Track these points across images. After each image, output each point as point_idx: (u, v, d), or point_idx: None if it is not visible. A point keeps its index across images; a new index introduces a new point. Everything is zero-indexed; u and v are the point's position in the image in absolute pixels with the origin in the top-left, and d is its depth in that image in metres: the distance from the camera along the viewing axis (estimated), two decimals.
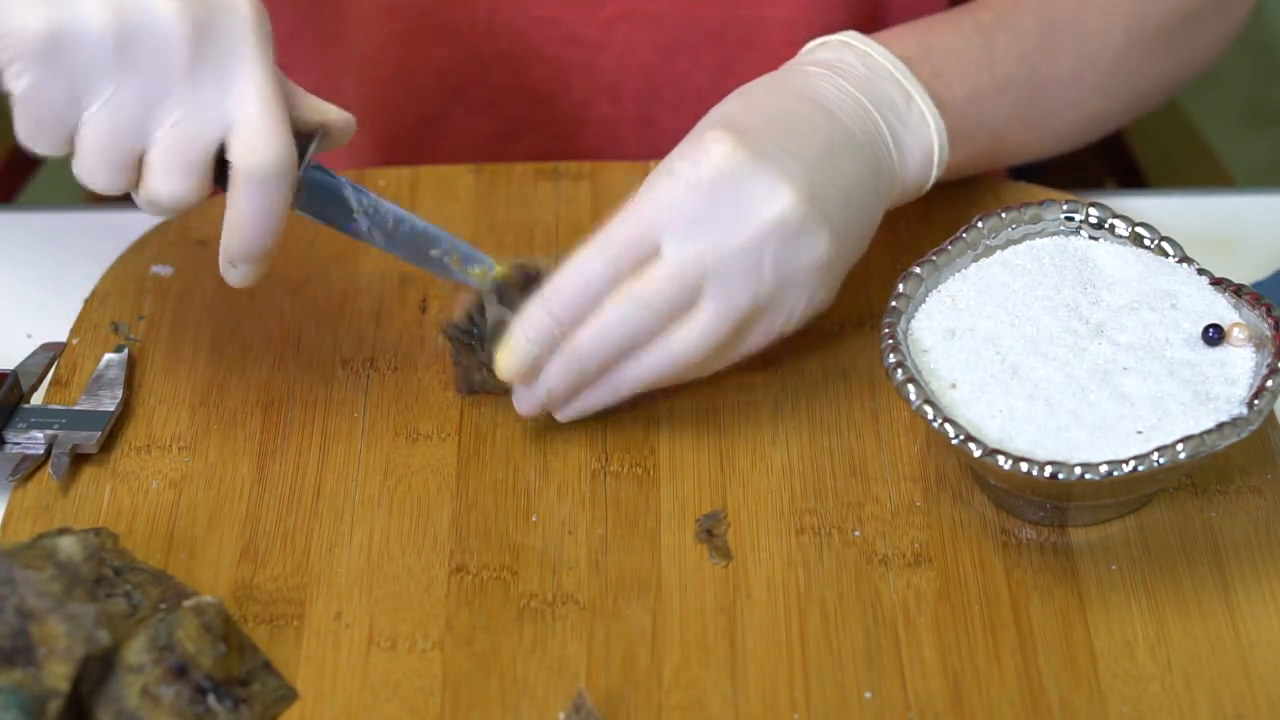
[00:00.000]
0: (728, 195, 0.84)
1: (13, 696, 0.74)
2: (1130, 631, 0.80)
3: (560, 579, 0.83)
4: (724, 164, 0.84)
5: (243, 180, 0.82)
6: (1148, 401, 0.81)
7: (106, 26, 0.80)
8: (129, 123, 0.82)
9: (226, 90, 0.82)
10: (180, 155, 0.82)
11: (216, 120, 0.82)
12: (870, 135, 0.90)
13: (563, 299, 0.85)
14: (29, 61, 0.80)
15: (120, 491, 0.87)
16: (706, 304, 0.85)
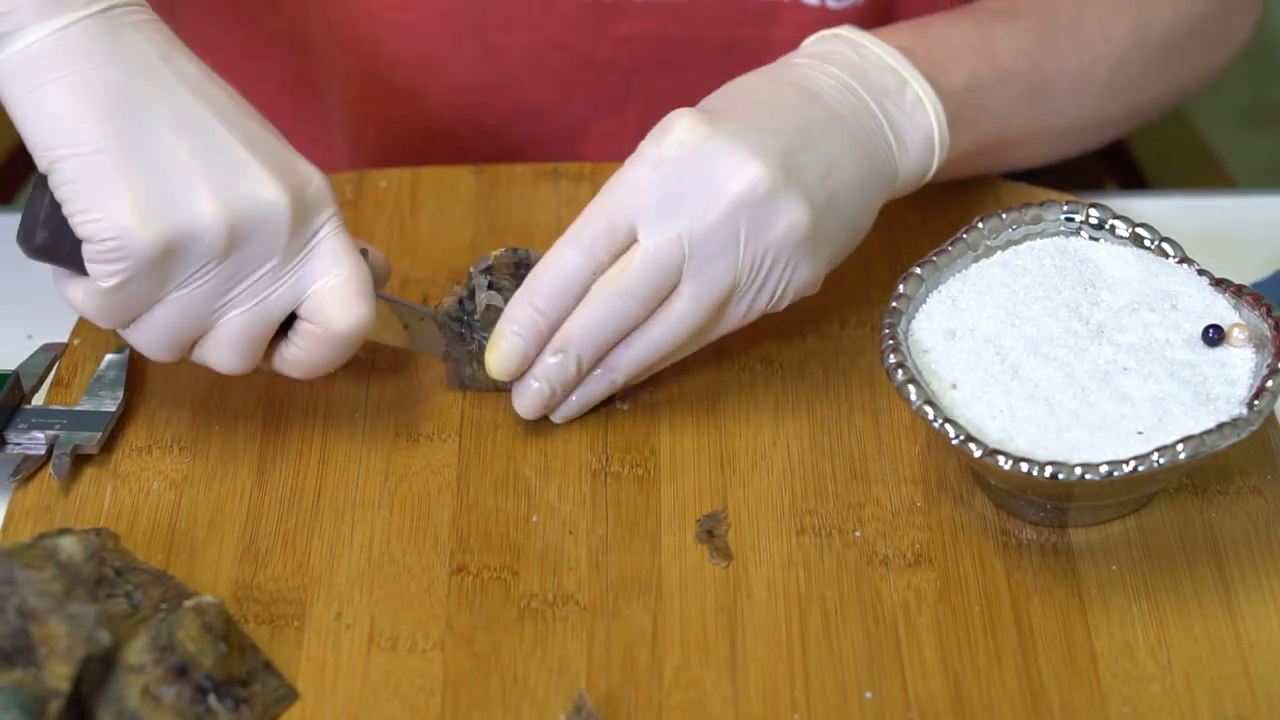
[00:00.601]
0: (694, 172, 0.84)
1: (13, 696, 0.74)
2: (1131, 632, 0.81)
3: (561, 579, 0.83)
4: (687, 140, 0.85)
5: (327, 337, 0.83)
6: (1148, 402, 0.81)
7: (220, 225, 0.79)
8: (209, 303, 0.81)
9: (313, 261, 0.82)
10: (253, 332, 0.82)
11: (295, 293, 0.82)
12: (860, 117, 0.89)
13: (544, 291, 0.86)
14: (134, 269, 0.79)
15: (121, 492, 0.87)
16: (687, 286, 0.85)
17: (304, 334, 0.84)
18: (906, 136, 0.91)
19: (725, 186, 0.84)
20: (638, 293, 0.85)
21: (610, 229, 0.85)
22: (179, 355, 0.83)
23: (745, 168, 0.84)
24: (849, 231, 0.89)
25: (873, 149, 0.90)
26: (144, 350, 0.83)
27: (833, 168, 0.87)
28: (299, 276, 0.82)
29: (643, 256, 0.85)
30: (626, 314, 0.86)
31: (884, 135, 0.90)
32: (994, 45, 0.97)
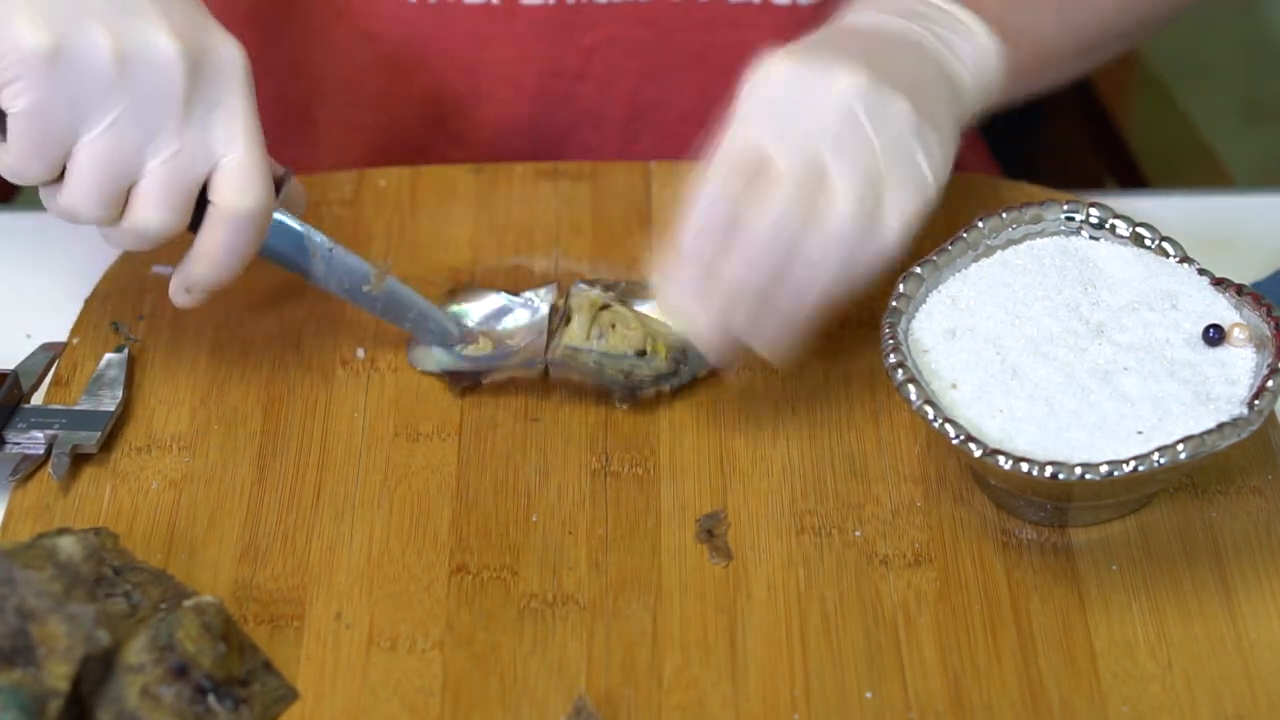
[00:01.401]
0: (799, 88, 0.85)
1: (13, 696, 0.74)
2: (1131, 632, 0.80)
3: (560, 579, 0.83)
4: (785, 69, 0.86)
5: (225, 218, 0.85)
6: (1148, 402, 0.81)
7: (109, 50, 0.82)
8: (126, 152, 0.84)
9: (217, 129, 0.85)
10: (172, 188, 0.85)
11: (206, 158, 0.85)
12: (913, 39, 0.91)
13: (695, 233, 0.85)
14: (31, 79, 0.81)
15: (120, 491, 0.87)
16: (836, 180, 0.84)
17: (208, 215, 0.86)
18: (960, 50, 0.92)
19: (831, 86, 0.85)
20: (794, 197, 0.84)
21: (741, 155, 0.85)
22: (112, 210, 0.85)
23: (839, 71, 0.85)
24: (945, 132, 0.89)
25: (936, 63, 0.91)
26: (74, 208, 0.84)
27: (910, 72, 0.88)
28: (204, 143, 0.84)
29: (780, 159, 0.84)
30: (787, 224, 0.84)
31: (940, 51, 0.91)
32: None
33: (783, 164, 0.84)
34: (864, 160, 0.85)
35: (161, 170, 0.84)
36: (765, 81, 0.86)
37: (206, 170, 0.85)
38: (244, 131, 0.85)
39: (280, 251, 0.90)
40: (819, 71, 0.86)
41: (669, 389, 0.91)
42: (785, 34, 1.01)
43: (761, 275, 0.84)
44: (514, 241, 1.00)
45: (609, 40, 1.09)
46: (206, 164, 0.85)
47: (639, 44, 1.09)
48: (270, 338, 0.95)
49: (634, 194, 1.03)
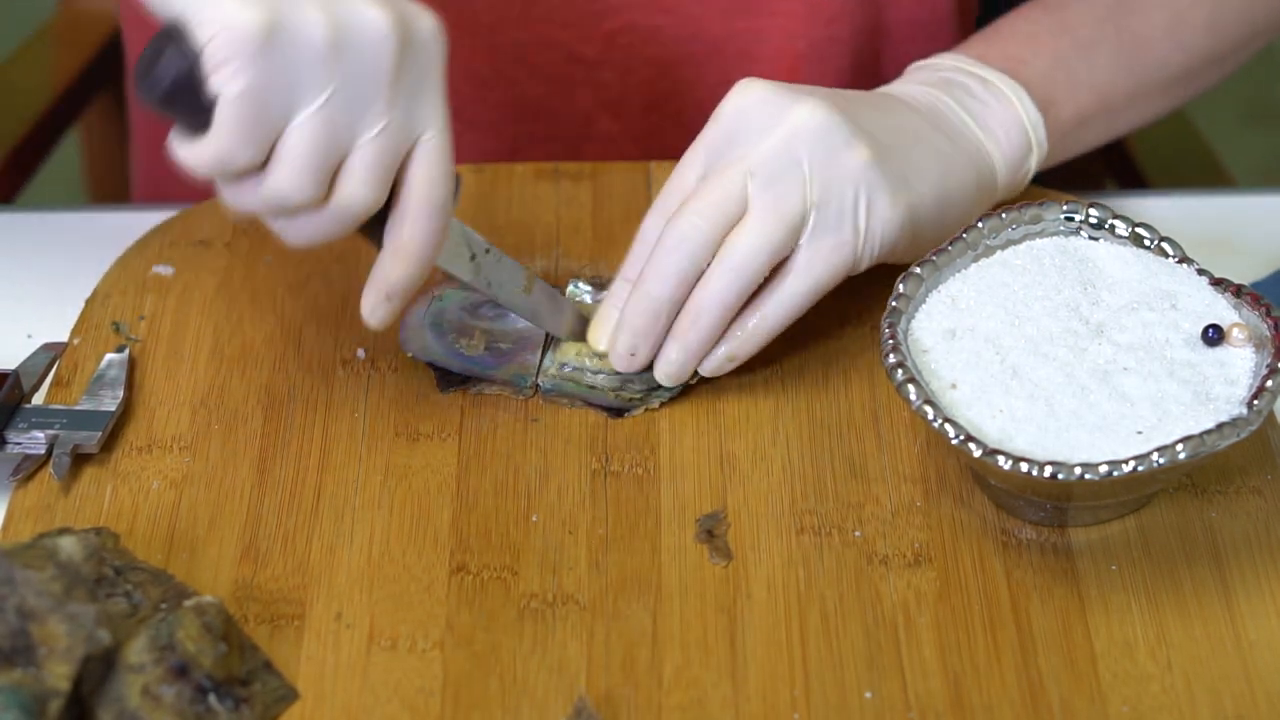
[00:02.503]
0: (753, 115, 0.87)
1: (13, 696, 0.74)
2: (1130, 632, 0.81)
3: (560, 579, 0.83)
4: (750, 94, 0.87)
5: (424, 202, 0.83)
6: (1148, 402, 0.82)
7: (322, 27, 0.79)
8: (338, 129, 0.81)
9: (420, 105, 0.83)
10: (381, 165, 0.82)
11: (409, 134, 0.82)
12: (935, 108, 0.92)
13: (631, 260, 0.90)
14: (245, 60, 0.78)
15: (121, 491, 0.87)
16: (754, 203, 0.86)
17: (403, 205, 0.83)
18: (991, 124, 0.93)
19: (782, 117, 0.86)
20: (699, 209, 0.86)
21: (680, 186, 0.88)
22: (320, 192, 0.81)
23: (799, 104, 0.86)
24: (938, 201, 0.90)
25: (953, 134, 0.92)
26: (288, 190, 0.80)
27: (901, 131, 0.89)
28: (409, 118, 0.82)
29: (706, 179, 0.87)
30: (691, 236, 0.86)
31: (964, 123, 0.92)
32: (1070, 22, 0.99)
33: (706, 185, 0.87)
34: (789, 201, 0.86)
35: (371, 146, 0.81)
36: (723, 108, 0.88)
37: (409, 146, 0.83)
38: (441, 108, 0.84)
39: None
40: (778, 101, 0.87)
41: (658, 405, 0.91)
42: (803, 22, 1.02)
43: (662, 287, 0.87)
44: (514, 241, 1.00)
45: (628, 27, 1.09)
46: (409, 140, 0.83)
47: (658, 30, 1.09)
48: (271, 338, 0.95)
49: (634, 194, 1.03)
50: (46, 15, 1.42)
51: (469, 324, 0.94)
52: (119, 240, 1.01)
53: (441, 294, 0.95)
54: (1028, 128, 0.94)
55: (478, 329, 0.94)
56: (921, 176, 0.90)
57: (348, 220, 0.82)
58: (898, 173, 0.88)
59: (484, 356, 0.92)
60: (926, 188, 0.90)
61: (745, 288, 0.87)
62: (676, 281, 0.87)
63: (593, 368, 0.92)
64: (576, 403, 0.91)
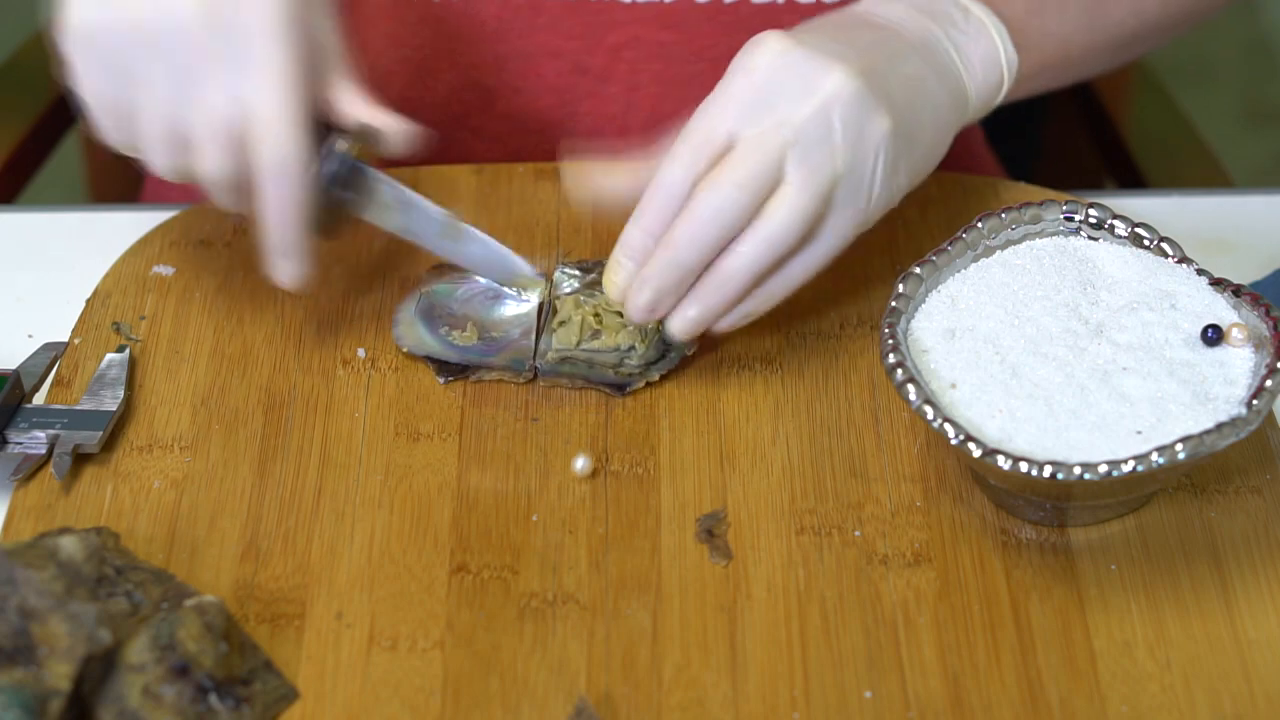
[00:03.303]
0: (786, 76, 0.86)
1: (14, 696, 0.74)
2: (1130, 631, 0.81)
3: (560, 579, 0.83)
4: (776, 47, 0.87)
5: (257, 173, 0.87)
6: (1147, 401, 0.82)
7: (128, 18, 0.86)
8: (164, 105, 0.87)
9: (244, 80, 0.86)
10: (213, 133, 0.86)
11: (235, 107, 0.86)
12: (928, 42, 0.92)
13: (650, 210, 0.87)
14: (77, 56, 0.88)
15: (122, 491, 0.87)
16: (791, 174, 0.86)
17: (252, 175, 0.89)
18: (972, 57, 0.93)
19: (817, 85, 0.86)
20: (741, 183, 0.85)
21: (709, 138, 0.87)
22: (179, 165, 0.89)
23: (832, 70, 0.86)
24: (927, 147, 0.91)
25: (943, 72, 0.92)
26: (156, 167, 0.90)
27: (910, 82, 0.89)
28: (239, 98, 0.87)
29: (744, 148, 0.86)
30: (731, 209, 0.85)
31: (950, 58, 0.93)
32: None
33: (744, 153, 0.86)
34: (824, 173, 0.86)
35: (199, 118, 0.86)
36: (754, 62, 0.87)
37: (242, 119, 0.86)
38: (269, 81, 0.86)
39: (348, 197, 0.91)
40: (811, 64, 0.87)
41: (658, 377, 0.91)
42: None
43: (693, 254, 0.86)
44: (514, 241, 1.00)
45: (632, 41, 1.09)
46: (240, 115, 0.86)
47: (662, 46, 1.09)
48: (271, 338, 0.95)
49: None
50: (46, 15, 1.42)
51: (460, 315, 0.94)
52: (119, 240, 1.01)
53: (429, 289, 0.95)
54: (1003, 66, 0.95)
55: (469, 320, 0.94)
56: (922, 133, 0.90)
57: (215, 188, 0.89)
58: (907, 136, 0.89)
59: (478, 345, 0.93)
60: (923, 145, 0.91)
61: (777, 258, 0.87)
62: (710, 249, 0.86)
63: (589, 347, 0.92)
64: (577, 382, 0.91)
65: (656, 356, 0.92)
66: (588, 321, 0.93)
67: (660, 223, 0.87)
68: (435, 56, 1.10)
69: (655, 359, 0.92)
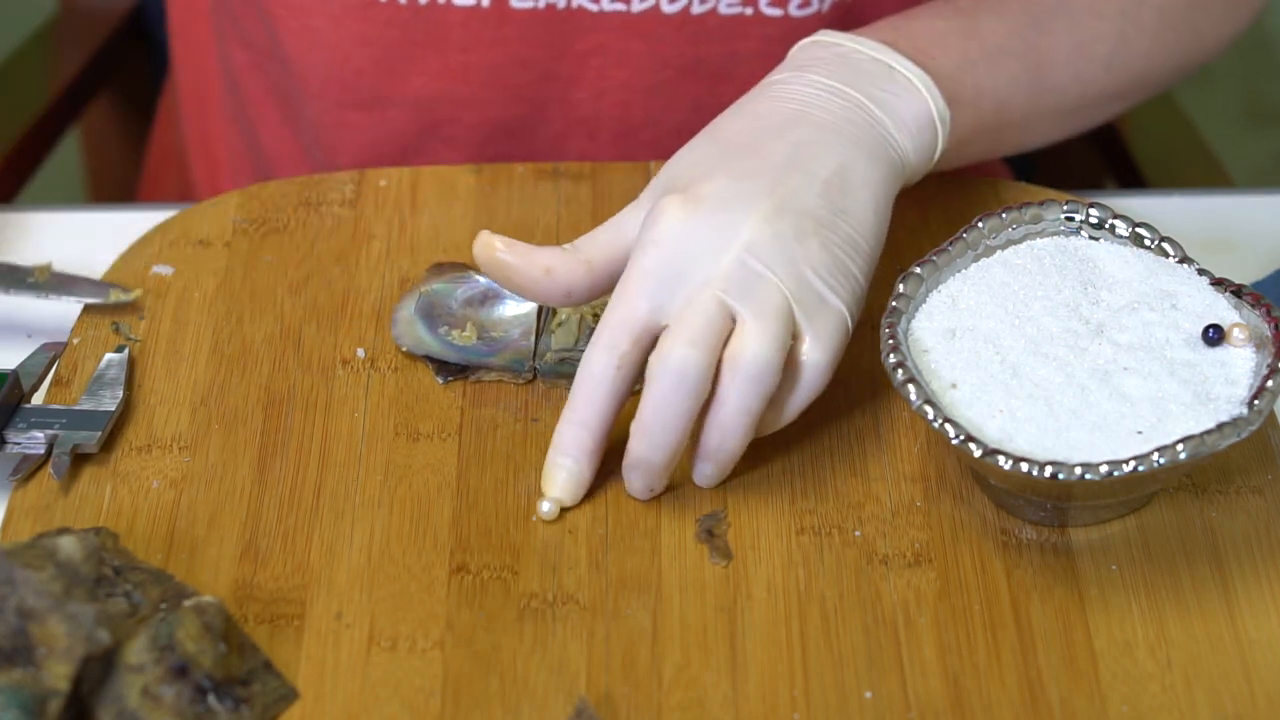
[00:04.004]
0: (694, 244, 0.83)
1: (13, 696, 0.74)
2: (1130, 631, 0.81)
3: (560, 579, 0.83)
4: (680, 220, 0.84)
5: None
6: (1148, 402, 0.82)
7: None
8: None
9: None
10: None
11: None
12: (849, 117, 0.88)
13: (580, 403, 0.84)
14: None
15: (121, 491, 0.87)
16: (741, 311, 0.82)
17: None
18: (904, 117, 0.90)
19: (729, 243, 0.83)
20: (690, 338, 0.82)
21: (629, 319, 0.83)
22: None
23: (740, 227, 0.83)
24: (872, 229, 0.87)
25: (873, 145, 0.89)
26: None
27: (834, 182, 0.86)
28: None
29: (677, 313, 0.83)
30: (689, 369, 0.81)
31: (880, 124, 0.89)
32: (980, 28, 0.97)
33: (682, 316, 0.82)
34: (774, 300, 0.83)
35: None
36: (658, 235, 0.84)
37: None
38: None
39: None
40: (716, 225, 0.83)
41: None
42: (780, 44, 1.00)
43: (668, 433, 0.83)
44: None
45: (599, 49, 1.09)
46: None
47: (629, 55, 1.09)
48: (271, 338, 0.95)
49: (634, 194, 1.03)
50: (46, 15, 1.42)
51: (459, 315, 0.94)
52: (119, 240, 1.01)
53: (429, 288, 0.95)
54: (936, 121, 0.91)
55: (469, 320, 0.94)
56: (861, 223, 0.86)
57: None
58: (847, 238, 0.86)
59: (477, 346, 0.93)
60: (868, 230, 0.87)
61: (767, 393, 0.83)
62: (683, 419, 0.82)
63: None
64: None
65: None
66: (586, 322, 0.92)
67: (591, 413, 0.84)
68: (405, 60, 1.09)
69: None
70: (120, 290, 0.95)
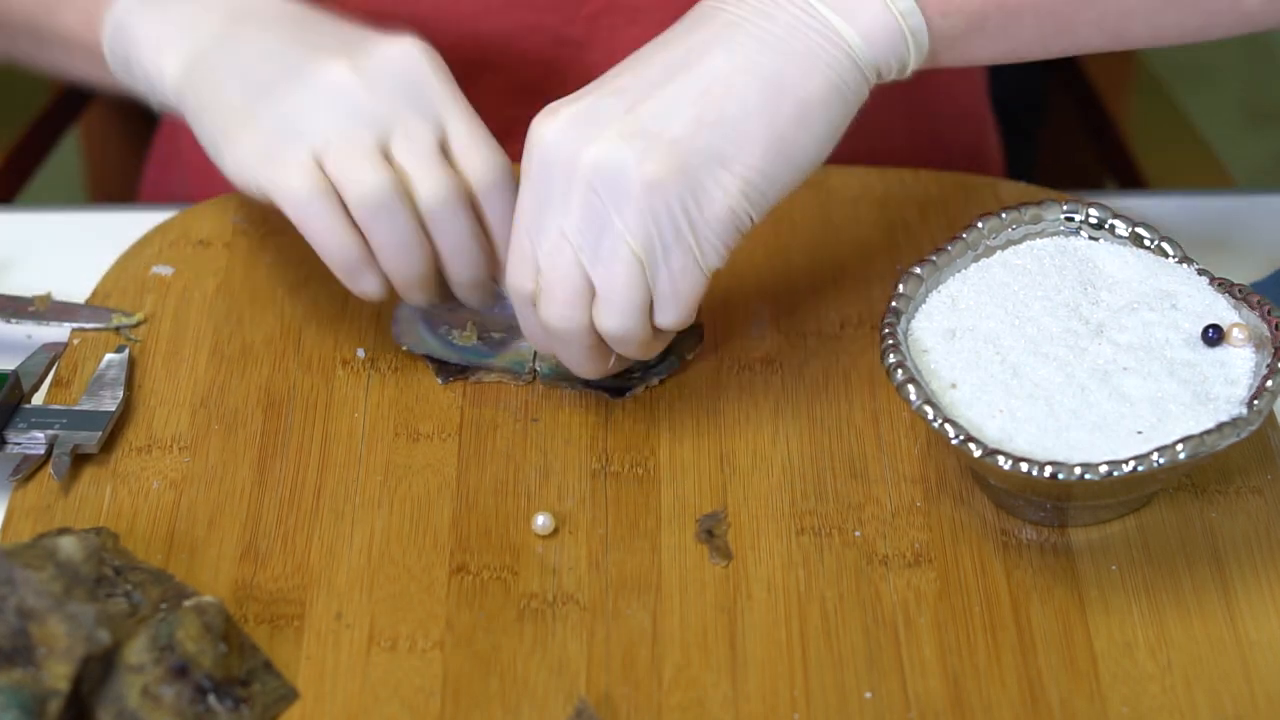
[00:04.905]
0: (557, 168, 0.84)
1: (13, 696, 0.74)
2: (1130, 632, 0.81)
3: (560, 579, 0.83)
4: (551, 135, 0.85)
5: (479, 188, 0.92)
6: (1147, 402, 0.82)
7: None
8: None
9: None
10: None
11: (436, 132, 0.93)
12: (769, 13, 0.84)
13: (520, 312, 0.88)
14: None
15: (121, 492, 0.87)
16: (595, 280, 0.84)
17: None
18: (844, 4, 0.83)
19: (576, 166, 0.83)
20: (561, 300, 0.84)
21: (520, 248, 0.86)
22: None
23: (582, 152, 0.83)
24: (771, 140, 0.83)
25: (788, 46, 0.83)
26: None
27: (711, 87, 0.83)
28: None
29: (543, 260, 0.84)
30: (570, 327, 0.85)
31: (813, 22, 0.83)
32: None
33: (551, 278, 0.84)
34: (619, 262, 0.83)
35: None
36: (531, 157, 0.85)
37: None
38: None
39: None
40: (570, 146, 0.84)
41: (658, 381, 0.91)
42: None
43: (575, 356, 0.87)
44: None
45: (609, 7, 1.09)
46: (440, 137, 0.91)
47: (638, 11, 1.09)
48: (271, 338, 0.95)
49: None
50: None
51: (460, 314, 0.94)
52: (119, 240, 1.01)
53: None
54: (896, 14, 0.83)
55: (470, 319, 0.94)
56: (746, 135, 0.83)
57: None
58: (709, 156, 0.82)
59: (478, 346, 0.93)
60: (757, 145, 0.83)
61: (641, 338, 0.85)
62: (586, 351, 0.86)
63: None
64: (577, 385, 0.91)
65: (656, 360, 0.92)
66: None
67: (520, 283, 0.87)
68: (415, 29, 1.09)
69: (655, 363, 0.92)
70: (122, 314, 0.95)
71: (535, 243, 0.85)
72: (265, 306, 0.96)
